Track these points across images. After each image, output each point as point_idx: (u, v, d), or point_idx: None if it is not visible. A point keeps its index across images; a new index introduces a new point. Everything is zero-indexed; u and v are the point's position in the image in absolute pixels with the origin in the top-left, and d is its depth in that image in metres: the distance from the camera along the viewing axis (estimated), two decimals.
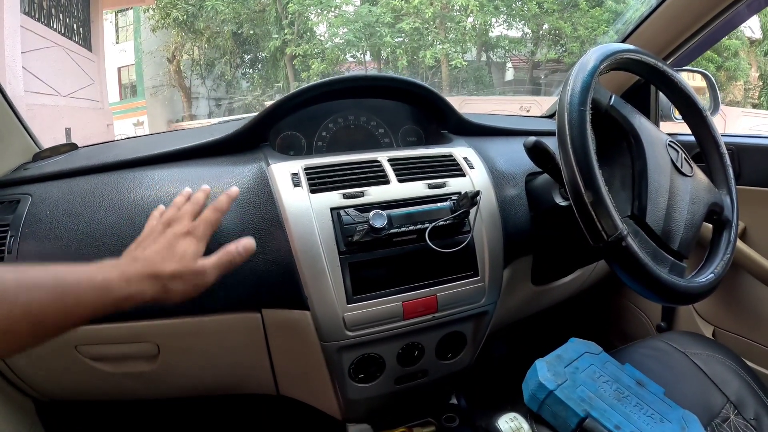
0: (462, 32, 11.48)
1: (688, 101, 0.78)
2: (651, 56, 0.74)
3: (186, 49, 12.33)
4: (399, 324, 0.71)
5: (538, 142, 0.69)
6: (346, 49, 11.64)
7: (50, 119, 5.80)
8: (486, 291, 0.77)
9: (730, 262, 0.71)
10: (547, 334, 1.14)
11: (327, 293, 0.66)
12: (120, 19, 12.10)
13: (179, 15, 11.28)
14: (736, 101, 11.73)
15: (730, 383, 0.76)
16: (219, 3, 11.25)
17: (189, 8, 11.30)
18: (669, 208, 0.65)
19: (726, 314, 1.04)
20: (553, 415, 0.63)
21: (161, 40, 11.97)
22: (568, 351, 0.71)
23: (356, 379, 0.75)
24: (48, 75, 6.26)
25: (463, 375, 0.86)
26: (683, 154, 0.73)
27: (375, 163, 0.76)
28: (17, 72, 5.48)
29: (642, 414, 0.63)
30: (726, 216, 0.75)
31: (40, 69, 6.07)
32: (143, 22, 11.73)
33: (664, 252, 0.63)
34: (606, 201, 0.57)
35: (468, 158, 0.81)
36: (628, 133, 0.68)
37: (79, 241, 0.66)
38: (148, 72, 12.10)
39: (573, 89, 0.62)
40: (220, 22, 11.76)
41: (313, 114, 0.89)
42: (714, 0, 0.91)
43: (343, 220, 0.67)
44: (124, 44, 12.03)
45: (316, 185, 0.70)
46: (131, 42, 11.99)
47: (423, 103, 0.93)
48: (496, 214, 0.78)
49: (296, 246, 0.66)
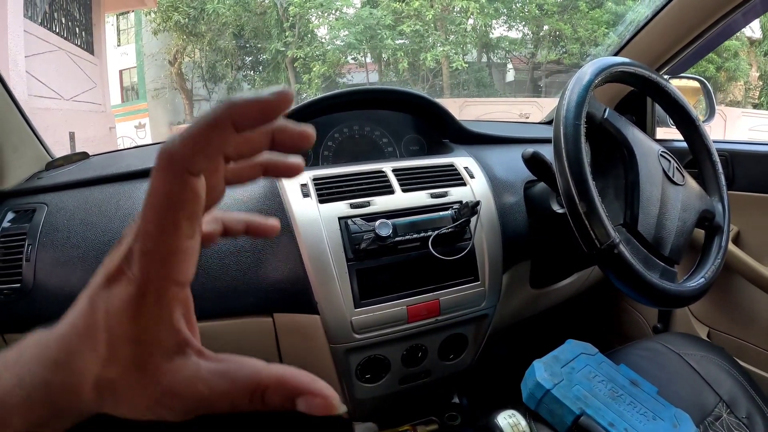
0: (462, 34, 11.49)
1: (681, 111, 0.81)
2: (644, 68, 0.77)
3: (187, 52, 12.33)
4: (403, 327, 0.74)
5: (535, 153, 0.72)
6: (347, 51, 11.66)
7: (53, 123, 5.82)
8: (486, 295, 0.79)
9: (721, 267, 0.73)
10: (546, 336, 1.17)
11: (335, 298, 0.69)
12: (121, 22, 12.12)
13: (180, 18, 11.29)
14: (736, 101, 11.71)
15: (723, 383, 0.77)
16: (220, 6, 11.27)
17: (190, 11, 11.33)
18: (660, 216, 0.68)
19: (720, 316, 1.06)
20: (550, 413, 0.66)
21: (162, 43, 11.98)
22: (564, 352, 0.74)
23: (363, 379, 0.78)
24: (51, 79, 6.30)
25: (465, 375, 0.89)
26: (675, 164, 0.75)
27: (380, 174, 0.79)
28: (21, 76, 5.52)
29: (635, 412, 0.66)
30: (717, 222, 0.77)
31: (43, 73, 6.10)
32: (145, 25, 11.75)
33: (656, 258, 0.66)
34: (599, 211, 0.60)
35: (468, 167, 0.84)
36: (622, 145, 0.70)
37: (96, 249, 0.67)
38: (150, 74, 12.09)
39: (569, 103, 0.65)
40: (221, 24, 11.77)
41: (319, 125, 0.91)
42: (708, 11, 0.92)
43: (350, 228, 0.70)
44: (125, 47, 12.04)
45: (325, 195, 0.73)
46: (133, 45, 11.99)
47: (425, 114, 0.96)
48: (496, 221, 0.81)
49: (306, 254, 0.69)
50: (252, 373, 0.20)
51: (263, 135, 0.21)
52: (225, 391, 0.19)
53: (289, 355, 0.78)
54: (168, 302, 0.20)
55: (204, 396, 0.19)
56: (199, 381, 0.19)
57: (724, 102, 11.17)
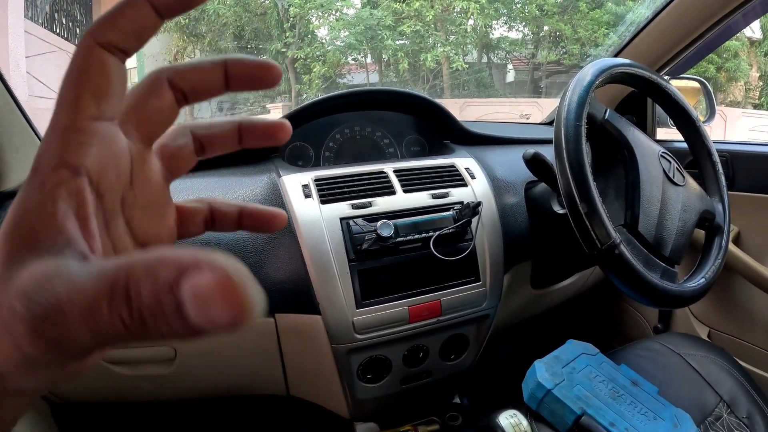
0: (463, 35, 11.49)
1: (682, 111, 0.81)
2: (645, 69, 0.77)
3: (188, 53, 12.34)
4: (405, 327, 0.74)
5: (536, 154, 0.72)
6: (348, 52, 11.66)
7: None
8: (487, 295, 0.80)
9: (722, 268, 0.73)
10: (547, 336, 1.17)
11: (337, 299, 0.70)
12: None
13: (181, 19, 11.30)
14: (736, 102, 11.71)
15: (723, 383, 0.78)
16: (221, 7, 11.29)
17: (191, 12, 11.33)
18: (661, 216, 0.68)
19: (721, 316, 1.06)
20: (551, 413, 0.66)
21: (163, 44, 11.98)
22: (565, 352, 0.74)
23: (364, 379, 0.78)
24: (52, 79, 6.30)
25: (466, 375, 0.89)
26: (675, 165, 0.76)
27: (381, 174, 0.79)
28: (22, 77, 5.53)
29: (636, 412, 0.67)
30: (718, 223, 0.77)
31: (45, 73, 6.11)
32: None
33: (656, 258, 0.66)
34: (600, 211, 0.60)
35: (470, 168, 0.85)
36: (622, 146, 0.71)
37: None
38: None
39: (569, 104, 0.65)
40: (222, 25, 11.78)
41: (320, 125, 0.92)
42: (708, 12, 0.92)
43: (352, 229, 0.70)
44: None
45: (326, 196, 0.73)
46: None
47: (426, 114, 0.96)
48: (497, 221, 0.81)
49: (308, 254, 0.69)
50: (116, 264, 0.13)
51: (214, 65, 0.19)
52: (83, 289, 0.13)
53: (291, 356, 0.78)
54: (52, 187, 0.16)
55: (57, 296, 0.13)
56: (57, 277, 0.14)
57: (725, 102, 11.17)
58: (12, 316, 0.14)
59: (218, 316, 0.11)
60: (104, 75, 0.17)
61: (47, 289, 0.13)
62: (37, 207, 0.15)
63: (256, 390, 0.89)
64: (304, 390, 0.87)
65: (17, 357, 0.14)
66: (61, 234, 0.15)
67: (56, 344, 0.13)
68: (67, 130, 0.16)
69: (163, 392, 0.84)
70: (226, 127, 0.22)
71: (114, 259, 0.13)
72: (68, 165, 0.16)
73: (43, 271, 0.14)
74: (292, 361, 0.80)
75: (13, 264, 0.15)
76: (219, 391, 0.88)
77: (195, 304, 0.11)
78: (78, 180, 0.16)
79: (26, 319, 0.13)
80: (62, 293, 0.13)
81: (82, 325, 0.13)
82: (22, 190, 0.16)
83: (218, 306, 0.11)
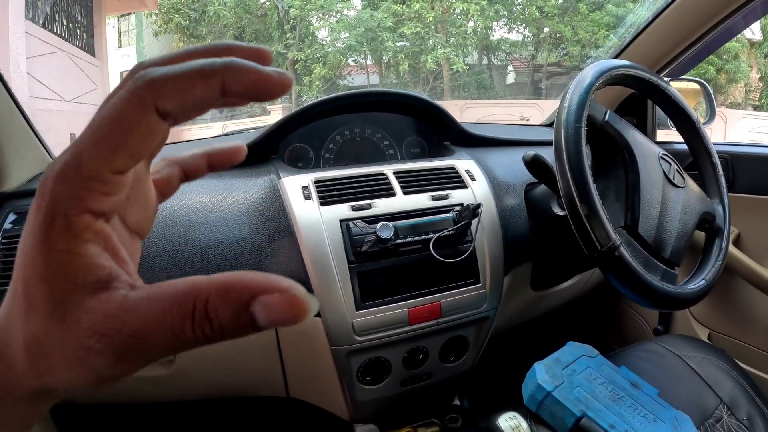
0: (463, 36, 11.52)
1: (682, 113, 0.81)
2: (645, 71, 0.77)
3: None
4: (405, 329, 0.74)
5: (536, 155, 0.72)
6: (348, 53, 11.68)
7: (55, 124, 5.84)
8: (487, 297, 0.79)
9: (722, 269, 0.73)
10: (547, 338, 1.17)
11: (337, 301, 0.69)
12: (122, 24, 12.17)
13: (181, 20, 11.33)
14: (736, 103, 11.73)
15: (723, 385, 0.78)
16: (221, 8, 11.32)
17: (191, 13, 11.37)
18: (661, 218, 0.68)
19: (721, 318, 1.06)
20: (551, 415, 0.66)
21: (164, 45, 12.00)
22: (565, 354, 0.74)
23: (364, 381, 0.78)
24: (52, 80, 6.32)
25: (466, 377, 0.89)
26: (675, 166, 0.76)
27: (381, 176, 0.79)
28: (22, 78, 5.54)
29: (636, 414, 0.67)
30: (718, 224, 0.77)
31: (45, 74, 6.12)
32: (146, 27, 11.79)
33: (656, 260, 0.66)
34: (599, 213, 0.60)
35: (469, 170, 0.85)
36: (622, 148, 0.71)
37: None
38: None
39: (569, 106, 0.65)
40: (222, 26, 11.81)
41: (320, 127, 0.92)
42: (708, 13, 0.92)
43: (352, 231, 0.70)
44: (126, 49, 12.08)
45: (326, 198, 0.73)
46: (134, 46, 12.04)
47: (426, 116, 0.96)
48: (497, 223, 0.81)
49: (308, 256, 0.69)
50: (188, 288, 0.15)
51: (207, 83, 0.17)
52: (158, 317, 0.15)
53: (291, 357, 0.78)
54: (79, 232, 0.16)
55: (133, 328, 0.15)
56: (125, 313, 0.16)
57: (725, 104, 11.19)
58: (87, 353, 0.16)
59: (283, 319, 0.15)
60: (149, 141, 0.17)
61: (119, 324, 0.16)
62: (66, 250, 0.16)
63: (255, 391, 0.89)
64: (304, 392, 0.87)
65: (94, 380, 0.17)
66: (102, 269, 0.17)
67: (140, 363, 0.16)
68: (94, 180, 0.16)
69: (161, 393, 0.84)
70: (198, 157, 0.25)
71: (172, 285, 0.16)
72: (92, 211, 0.17)
73: (105, 311, 0.16)
74: (291, 363, 0.79)
75: (61, 305, 0.16)
76: (218, 392, 0.88)
77: (265, 315, 0.15)
78: (101, 224, 0.17)
79: (107, 353, 0.16)
80: (135, 324, 0.16)
81: (166, 344, 0.16)
82: (41, 234, 0.16)
83: (284, 313, 0.15)
